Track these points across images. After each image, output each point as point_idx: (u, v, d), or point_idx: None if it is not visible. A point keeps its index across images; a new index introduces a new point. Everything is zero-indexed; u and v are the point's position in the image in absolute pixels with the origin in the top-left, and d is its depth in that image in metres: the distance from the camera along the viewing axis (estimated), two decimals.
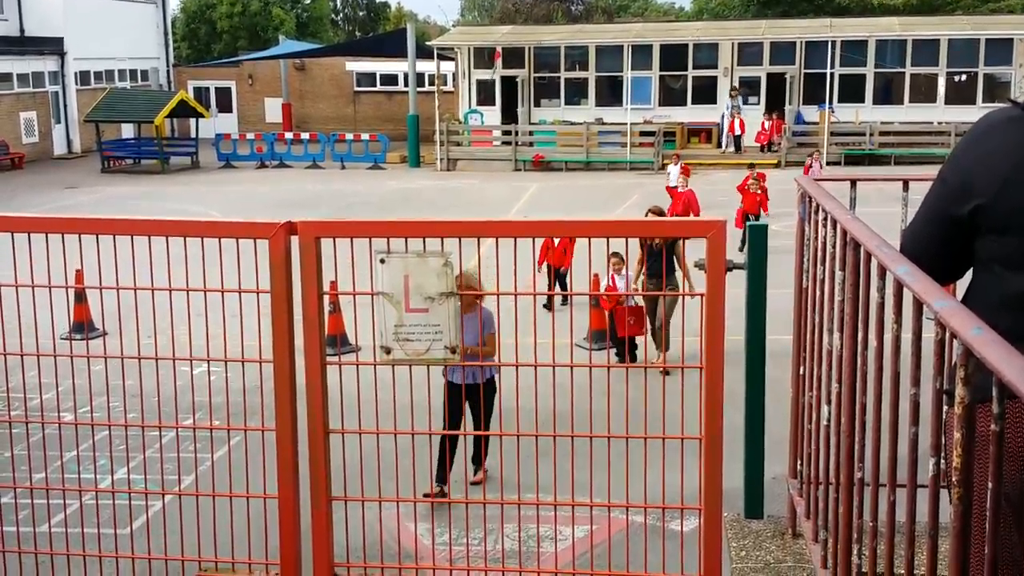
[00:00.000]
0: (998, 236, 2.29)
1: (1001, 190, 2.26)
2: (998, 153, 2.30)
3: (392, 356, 3.53)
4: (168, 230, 3.53)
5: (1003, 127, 2.35)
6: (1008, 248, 2.27)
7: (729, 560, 3.47)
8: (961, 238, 2.38)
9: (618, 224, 3.36)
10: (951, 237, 2.39)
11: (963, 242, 2.38)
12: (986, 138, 2.36)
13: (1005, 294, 1.81)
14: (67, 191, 28.17)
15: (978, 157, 2.35)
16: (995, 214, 2.28)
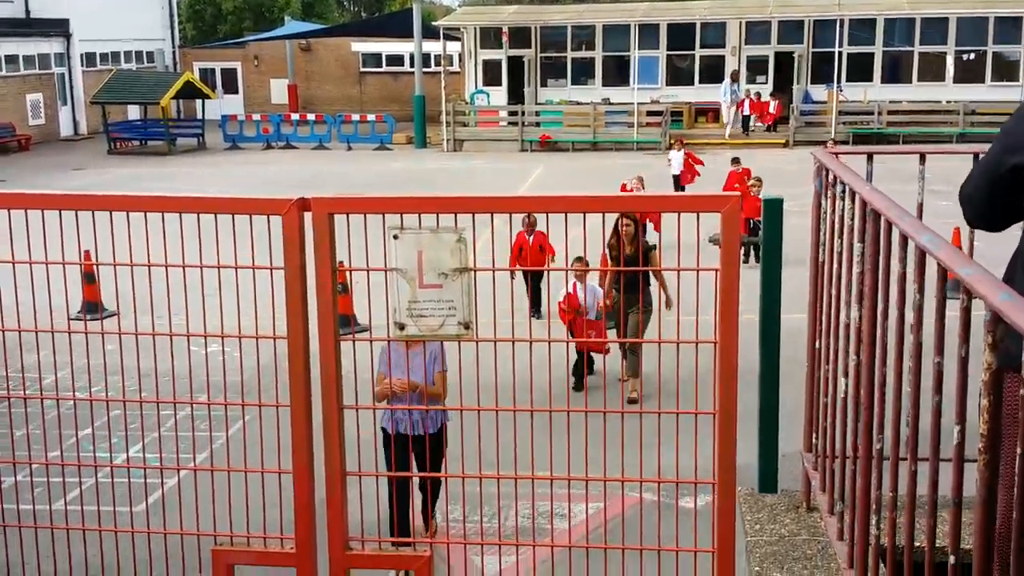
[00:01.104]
0: None
1: None
2: None
3: (406, 332, 3.53)
4: (181, 206, 3.53)
5: None
6: None
7: (744, 533, 3.48)
8: (1009, 192, 2.43)
9: (629, 199, 3.35)
10: (999, 187, 2.45)
11: (1011, 195, 2.43)
12: None
13: None
14: (74, 172, 28.18)
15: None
16: None
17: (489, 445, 3.46)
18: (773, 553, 3.28)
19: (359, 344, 3.79)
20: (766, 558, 3.25)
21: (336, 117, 34.79)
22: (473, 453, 4.78)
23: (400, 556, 3.79)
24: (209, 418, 4.01)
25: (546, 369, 3.50)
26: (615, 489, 6.46)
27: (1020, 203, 2.42)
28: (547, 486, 4.48)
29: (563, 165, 28.28)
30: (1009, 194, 2.43)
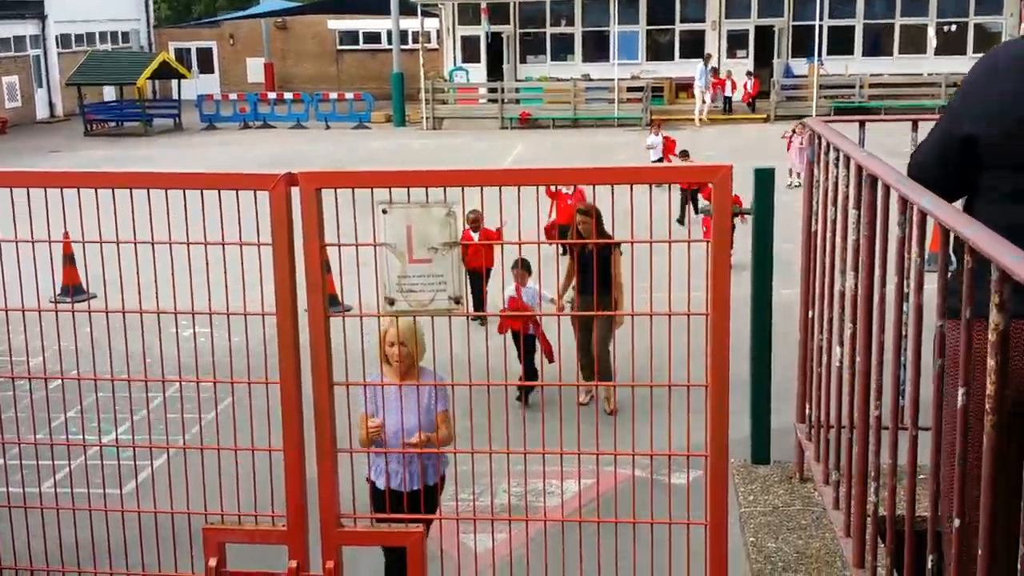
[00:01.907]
0: (1011, 172, 2.36)
1: (1012, 129, 2.34)
2: (1008, 93, 2.38)
3: (396, 307, 3.51)
4: (166, 182, 3.49)
5: (1011, 65, 2.41)
6: (1014, 182, 2.36)
7: (737, 505, 3.48)
8: (959, 165, 2.50)
9: (622, 171, 3.32)
10: (952, 163, 2.52)
11: (960, 169, 2.50)
12: (998, 75, 2.42)
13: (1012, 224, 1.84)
14: (51, 155, 27.92)
15: (988, 95, 2.44)
16: (1004, 151, 2.37)
17: (480, 422, 3.45)
18: (767, 524, 3.29)
19: (349, 321, 3.76)
20: (760, 528, 3.25)
21: (313, 96, 34.56)
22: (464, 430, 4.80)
23: (392, 533, 3.78)
24: (198, 397, 3.98)
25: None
26: (606, 466, 6.47)
27: (969, 174, 2.48)
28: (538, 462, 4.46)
29: (544, 142, 28.21)
30: (959, 165, 2.49)
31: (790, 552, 3.15)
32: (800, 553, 3.13)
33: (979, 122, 2.43)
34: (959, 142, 2.50)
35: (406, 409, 4.89)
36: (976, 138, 2.43)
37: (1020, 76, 2.37)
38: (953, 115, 2.58)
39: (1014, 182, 2.36)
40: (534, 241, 3.62)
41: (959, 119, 2.53)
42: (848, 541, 2.62)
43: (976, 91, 2.49)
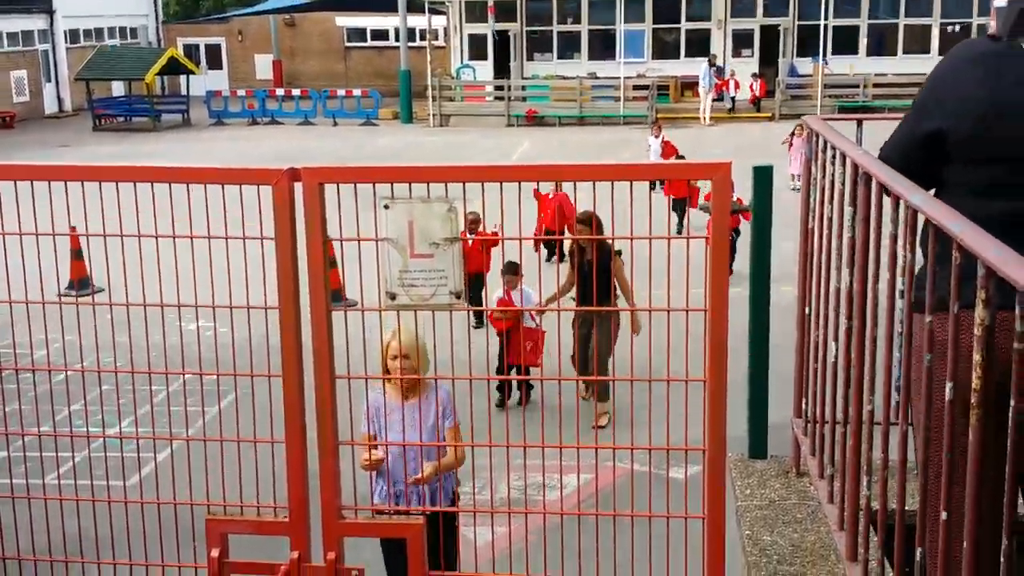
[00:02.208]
0: (974, 166, 2.45)
1: (975, 126, 2.42)
2: (974, 90, 2.45)
3: (397, 302, 3.54)
4: (170, 177, 3.52)
5: (976, 61, 2.48)
6: (983, 176, 2.44)
7: (734, 499, 3.51)
8: (924, 160, 2.57)
9: (622, 168, 3.35)
10: (915, 157, 2.58)
11: (925, 163, 2.56)
12: (963, 72, 2.50)
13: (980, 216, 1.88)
14: (59, 149, 28.00)
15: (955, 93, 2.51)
16: (972, 146, 2.45)
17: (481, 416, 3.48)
18: (763, 517, 3.32)
19: (351, 315, 3.79)
20: (756, 522, 3.28)
21: (321, 92, 34.61)
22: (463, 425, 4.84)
23: (393, 524, 3.81)
24: (201, 390, 3.99)
25: None
26: (606, 461, 6.50)
27: (934, 170, 2.54)
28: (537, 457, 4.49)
29: (550, 139, 28.23)
30: (925, 160, 2.54)
31: (785, 545, 3.17)
32: (795, 546, 3.16)
33: (947, 118, 2.49)
34: (925, 138, 2.57)
35: (409, 428, 4.61)
36: (944, 133, 2.50)
37: (986, 71, 2.43)
38: (919, 111, 2.64)
39: (984, 176, 2.42)
40: (530, 237, 3.65)
41: (926, 115, 2.59)
42: (842, 535, 2.64)
43: (943, 87, 2.56)
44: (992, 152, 2.41)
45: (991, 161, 2.42)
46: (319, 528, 3.49)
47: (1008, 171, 2.39)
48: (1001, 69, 2.41)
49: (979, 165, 2.45)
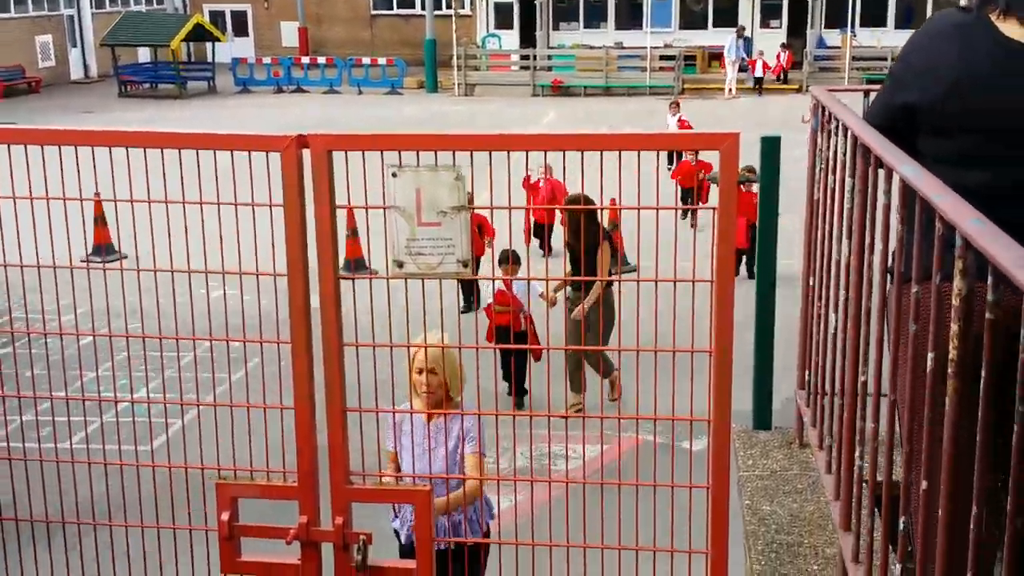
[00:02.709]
0: (944, 138, 2.47)
1: (945, 98, 2.45)
2: (944, 63, 2.48)
3: (405, 270, 3.55)
4: (180, 142, 3.53)
5: (948, 33, 2.52)
6: (953, 147, 2.47)
7: (736, 468, 3.52)
8: (901, 131, 2.57)
9: (632, 138, 3.34)
10: (895, 129, 2.58)
11: (903, 135, 2.55)
12: (936, 42, 2.54)
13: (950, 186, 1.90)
14: (84, 115, 28.16)
15: (927, 64, 2.55)
16: (941, 117, 2.48)
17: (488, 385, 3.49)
18: (764, 487, 3.33)
19: (360, 283, 3.81)
20: (757, 492, 3.29)
21: (347, 61, 34.58)
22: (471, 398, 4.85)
23: (400, 490, 3.85)
24: (211, 359, 4.05)
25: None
26: (616, 432, 6.53)
27: (912, 141, 2.56)
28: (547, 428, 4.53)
29: (575, 109, 28.12)
30: (901, 131, 2.56)
31: (784, 515, 3.19)
32: (794, 516, 3.17)
33: (919, 89, 2.52)
34: (900, 108, 2.60)
35: (432, 450, 4.15)
36: (916, 105, 2.53)
37: (955, 43, 2.45)
38: (894, 82, 2.68)
39: (953, 147, 2.45)
40: (544, 206, 3.63)
41: (900, 86, 2.63)
42: (837, 504, 2.66)
43: (915, 58, 2.60)
44: (962, 123, 2.44)
45: (961, 132, 2.45)
46: (328, 494, 3.53)
47: (977, 143, 2.42)
48: (970, 41, 2.44)
49: (949, 136, 2.47)
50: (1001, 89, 2.40)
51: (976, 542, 1.56)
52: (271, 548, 3.49)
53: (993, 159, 2.40)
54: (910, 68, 2.61)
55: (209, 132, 3.57)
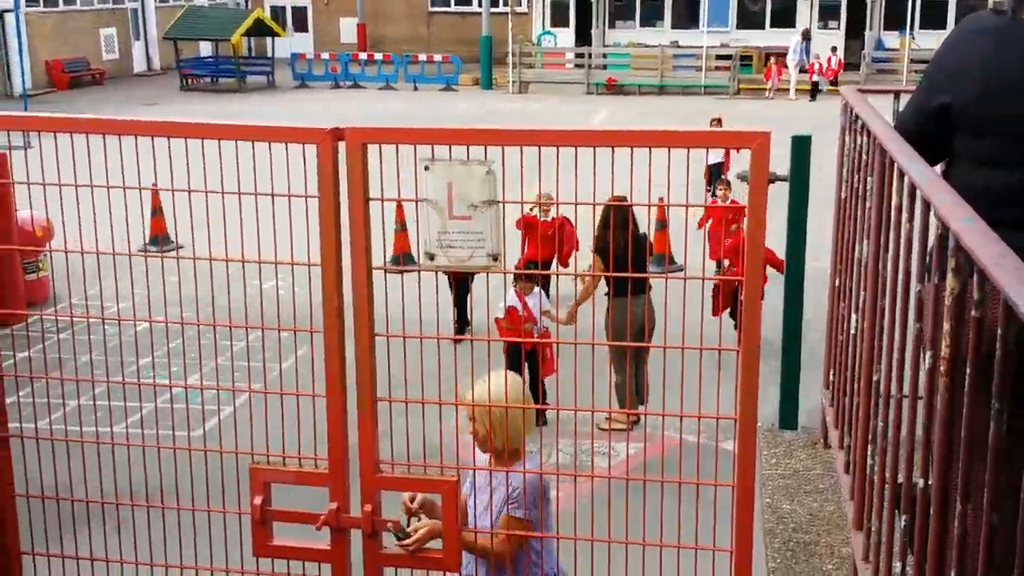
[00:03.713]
0: (975, 138, 2.48)
1: (977, 99, 2.47)
2: (976, 65, 2.50)
3: (436, 262, 3.60)
4: (220, 133, 3.61)
5: (982, 35, 2.54)
6: (983, 148, 2.48)
7: (760, 467, 3.52)
8: (936, 131, 2.60)
9: (659, 135, 3.35)
10: (928, 129, 2.62)
11: (937, 134, 2.60)
12: (967, 46, 2.56)
13: (980, 186, 1.90)
14: (146, 107, 28.62)
15: (959, 67, 2.58)
16: (972, 118, 2.49)
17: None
18: (785, 486, 3.33)
19: (393, 276, 3.86)
20: (778, 491, 3.29)
21: (403, 57, 34.79)
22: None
23: (428, 480, 3.89)
24: (263, 349, 4.15)
25: None
26: (657, 432, 6.52)
27: (946, 139, 2.58)
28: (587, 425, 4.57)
29: (629, 108, 28.02)
30: (935, 132, 2.59)
31: (803, 514, 3.18)
32: (813, 515, 3.17)
33: (953, 90, 2.53)
34: (934, 109, 2.61)
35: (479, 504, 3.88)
36: (949, 105, 2.55)
37: (988, 45, 2.44)
38: (929, 84, 2.71)
39: (984, 148, 2.44)
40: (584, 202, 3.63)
41: (934, 88, 2.66)
42: (851, 504, 2.65)
43: (948, 60, 2.64)
44: (991, 125, 2.45)
45: (991, 134, 2.46)
46: (358, 481, 3.58)
47: (1003, 145, 2.43)
48: (1003, 43, 2.44)
49: (980, 137, 2.49)
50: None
51: (962, 538, 1.56)
52: (303, 533, 3.55)
53: (1018, 163, 2.40)
54: (943, 70, 2.64)
55: (249, 124, 3.64)
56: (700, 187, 13.96)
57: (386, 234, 3.72)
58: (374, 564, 3.44)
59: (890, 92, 3.42)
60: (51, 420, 3.93)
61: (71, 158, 3.58)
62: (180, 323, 3.76)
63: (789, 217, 3.72)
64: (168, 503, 3.82)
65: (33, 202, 4.03)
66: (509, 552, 3.70)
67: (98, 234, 3.65)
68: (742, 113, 25.52)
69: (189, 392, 7.26)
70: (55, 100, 30.81)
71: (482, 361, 3.43)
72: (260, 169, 3.39)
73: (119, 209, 3.52)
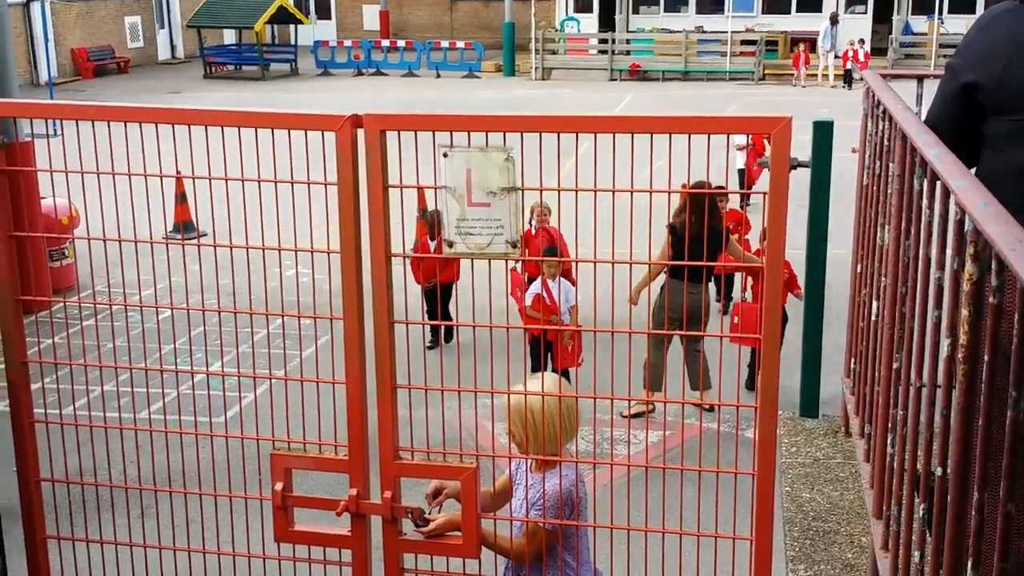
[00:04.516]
0: (1000, 116, 2.49)
1: (1002, 75, 2.49)
2: (999, 42, 2.54)
3: (455, 249, 3.59)
4: (238, 121, 3.62)
5: (1004, 18, 2.57)
6: (1011, 127, 2.48)
7: (780, 456, 3.50)
8: (965, 114, 2.61)
9: (681, 121, 3.32)
10: (958, 112, 2.61)
11: (967, 119, 2.60)
12: (988, 28, 2.61)
13: (1006, 168, 1.87)
14: (170, 96, 28.73)
15: (981, 46, 2.60)
16: (997, 96, 2.51)
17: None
18: (805, 475, 3.30)
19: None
20: (798, 479, 3.27)
21: (426, 44, 34.75)
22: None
23: (447, 466, 3.89)
24: (283, 337, 4.14)
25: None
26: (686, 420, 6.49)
27: (977, 126, 2.59)
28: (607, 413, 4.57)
29: (652, 95, 27.88)
30: (966, 116, 2.60)
31: (822, 502, 3.16)
32: (832, 504, 3.14)
33: (975, 70, 2.53)
34: (961, 90, 2.63)
35: (515, 497, 3.86)
36: (976, 83, 2.53)
37: (1006, 27, 2.45)
38: (953, 69, 2.74)
39: (1005, 127, 2.43)
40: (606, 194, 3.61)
41: (958, 71, 2.69)
42: (871, 493, 2.63)
43: (970, 44, 2.67)
44: (1012, 104, 2.47)
45: (1012, 111, 2.47)
46: (378, 468, 3.59)
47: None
48: (1019, 25, 2.47)
49: (1002, 116, 2.51)
50: None
51: (979, 527, 1.54)
52: (323, 520, 3.56)
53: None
54: (967, 57, 2.68)
55: (268, 111, 3.64)
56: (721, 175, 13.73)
57: (405, 223, 3.73)
58: (393, 550, 3.45)
59: (913, 77, 3.38)
60: (75, 407, 3.95)
61: (93, 147, 3.60)
62: (201, 310, 3.77)
63: (810, 206, 3.68)
64: (191, 488, 3.85)
65: (59, 190, 4.06)
66: (529, 553, 3.67)
67: (122, 222, 3.67)
68: (788, 102, 25.31)
69: (212, 379, 7.30)
70: (80, 89, 30.98)
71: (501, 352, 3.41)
72: (280, 157, 3.39)
73: (143, 197, 3.55)
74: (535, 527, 3.64)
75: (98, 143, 3.58)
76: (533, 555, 3.67)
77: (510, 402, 3.71)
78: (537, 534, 3.63)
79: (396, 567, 3.47)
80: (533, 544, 3.63)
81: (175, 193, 13.05)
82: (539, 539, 3.62)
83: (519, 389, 3.63)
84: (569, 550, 3.65)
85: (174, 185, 12.43)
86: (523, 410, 3.66)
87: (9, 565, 3.93)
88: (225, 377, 7.32)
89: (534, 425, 3.68)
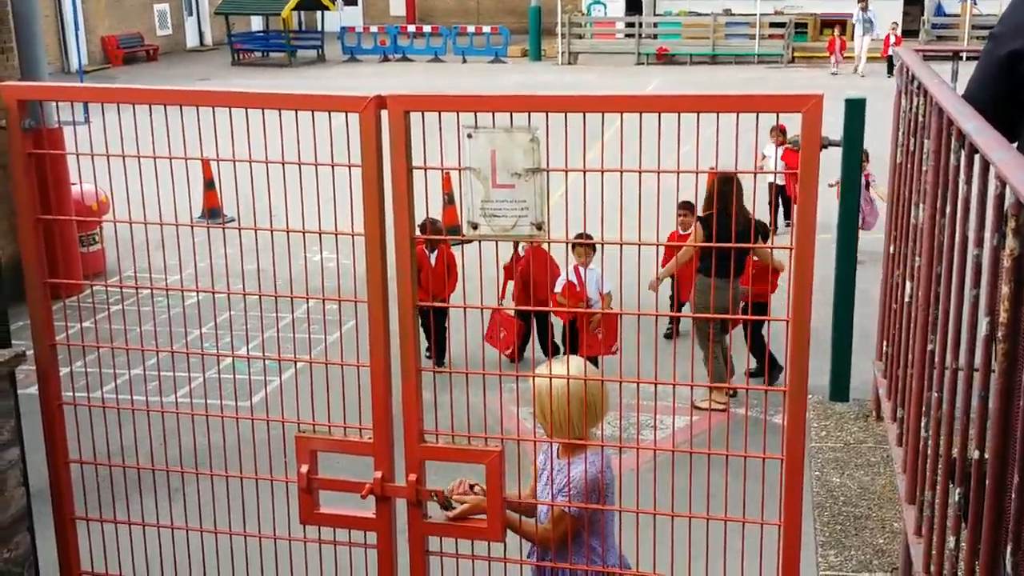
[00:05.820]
0: None
1: None
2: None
3: (479, 231, 3.56)
4: (262, 102, 3.60)
5: None
6: None
7: (810, 440, 3.45)
8: (1007, 86, 2.55)
9: (707, 99, 3.26)
10: (999, 85, 2.56)
11: (1009, 90, 2.55)
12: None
13: None
14: (199, 83, 28.84)
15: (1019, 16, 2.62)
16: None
17: None
18: (836, 459, 3.25)
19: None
20: (828, 464, 3.22)
21: (452, 29, 34.68)
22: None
23: (472, 450, 3.87)
24: (308, 320, 4.14)
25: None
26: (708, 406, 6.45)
27: (1019, 96, 2.54)
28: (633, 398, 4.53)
29: (680, 78, 27.70)
30: (1008, 88, 2.54)
31: (853, 487, 3.11)
32: (864, 489, 3.09)
33: (1017, 38, 2.45)
34: (1003, 59, 2.61)
35: (541, 482, 3.83)
36: (1018, 51, 2.48)
37: None
38: (996, 39, 2.71)
39: None
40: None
41: (1000, 42, 2.68)
42: (904, 477, 2.58)
43: (1011, 15, 2.61)
44: None
45: None
46: (402, 451, 3.58)
47: None
48: None
49: None
50: None
51: (1019, 512, 1.50)
52: (348, 502, 3.56)
53: None
54: (1007, 29, 2.67)
55: (291, 93, 3.62)
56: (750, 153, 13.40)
57: (429, 207, 3.70)
58: (418, 533, 3.44)
59: (948, 52, 3.30)
60: (103, 390, 3.97)
61: (119, 133, 3.60)
62: (228, 293, 3.77)
63: (842, 182, 3.62)
64: (217, 471, 3.85)
65: (87, 176, 4.07)
66: (554, 539, 3.67)
67: (151, 208, 3.66)
68: (819, 85, 25.10)
69: (239, 363, 7.32)
70: (111, 76, 31.15)
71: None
72: (305, 141, 3.37)
73: (171, 182, 3.54)
74: (560, 513, 3.62)
75: (124, 130, 3.58)
76: (558, 540, 3.66)
77: (535, 386, 3.66)
78: (563, 520, 3.62)
79: (421, 550, 3.46)
80: (558, 530, 3.62)
81: (203, 180, 13.10)
82: (564, 525, 3.60)
83: (543, 373, 3.59)
84: (595, 535, 3.64)
85: (202, 172, 12.48)
86: (538, 395, 3.65)
87: (39, 545, 3.96)
88: (252, 361, 7.34)
89: (555, 409, 3.65)
